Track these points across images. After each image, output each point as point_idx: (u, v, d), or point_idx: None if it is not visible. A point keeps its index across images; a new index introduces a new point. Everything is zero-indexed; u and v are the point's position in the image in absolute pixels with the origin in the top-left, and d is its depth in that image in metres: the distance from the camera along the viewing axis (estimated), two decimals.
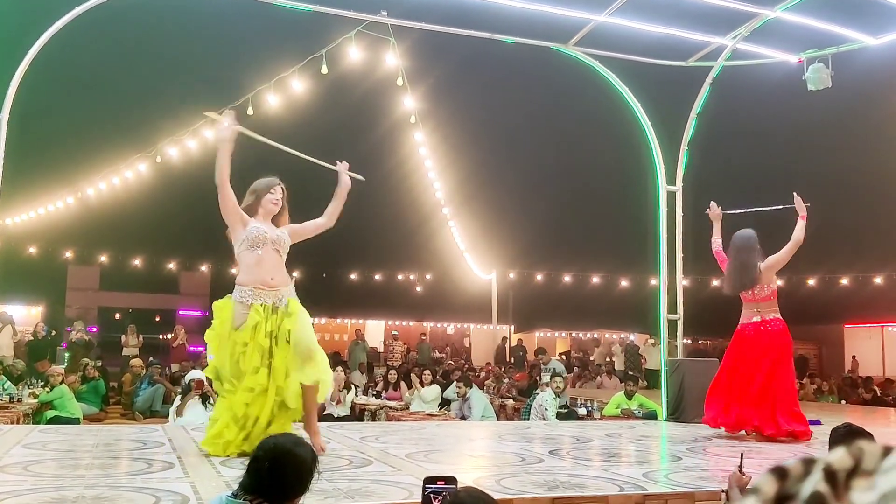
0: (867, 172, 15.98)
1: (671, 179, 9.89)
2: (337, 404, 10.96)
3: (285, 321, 5.57)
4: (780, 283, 8.55)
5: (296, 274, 6.04)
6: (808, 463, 0.39)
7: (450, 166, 15.17)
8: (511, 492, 4.37)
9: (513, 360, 19.40)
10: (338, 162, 6.17)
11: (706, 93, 9.89)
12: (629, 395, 10.67)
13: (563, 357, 21.09)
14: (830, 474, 0.37)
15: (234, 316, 5.54)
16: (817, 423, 8.83)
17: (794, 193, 7.81)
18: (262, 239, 5.69)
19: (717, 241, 8.05)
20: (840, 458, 0.38)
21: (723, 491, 4.21)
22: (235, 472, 4.22)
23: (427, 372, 12.07)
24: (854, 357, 22.45)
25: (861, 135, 15.15)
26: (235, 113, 5.83)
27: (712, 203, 8.19)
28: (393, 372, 13.00)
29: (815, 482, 0.37)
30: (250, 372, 5.43)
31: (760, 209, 8.15)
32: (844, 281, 21.34)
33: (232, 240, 5.75)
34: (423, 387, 11.50)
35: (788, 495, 0.38)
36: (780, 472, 0.39)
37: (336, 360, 14.64)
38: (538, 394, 10.48)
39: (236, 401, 5.43)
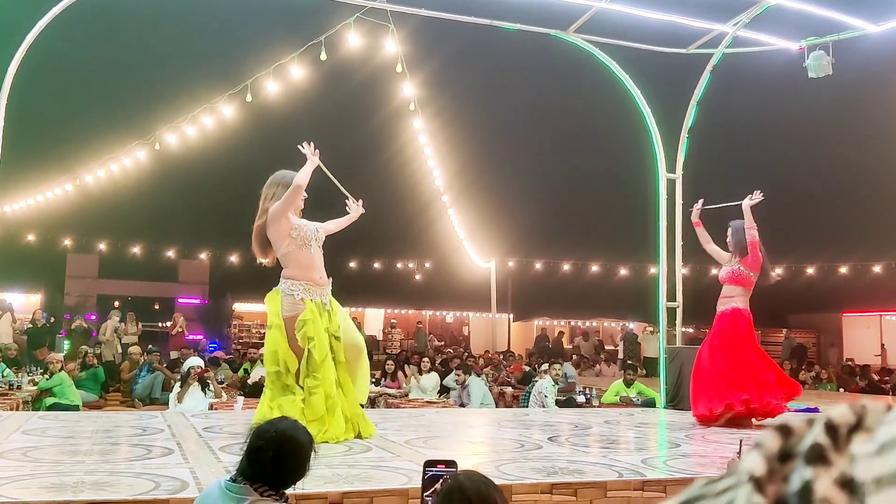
0: (867, 160, 15.96)
1: (671, 167, 9.87)
2: None
3: (334, 319, 5.86)
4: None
5: None
6: (811, 421, 0.38)
7: (449, 154, 15.13)
8: (510, 477, 4.38)
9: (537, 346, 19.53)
10: (357, 201, 6.54)
11: (707, 80, 9.85)
12: (628, 383, 10.69)
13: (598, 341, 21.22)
14: (831, 428, 0.37)
15: (282, 307, 5.72)
16: (815, 410, 8.86)
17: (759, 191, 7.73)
18: (310, 237, 5.89)
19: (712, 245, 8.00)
20: (842, 413, 0.38)
21: None
22: (235, 458, 4.22)
23: (426, 360, 12.06)
24: (833, 345, 22.47)
25: (861, 123, 15.12)
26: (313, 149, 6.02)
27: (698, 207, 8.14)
28: (390, 362, 12.99)
29: (815, 435, 0.37)
30: (321, 363, 5.60)
31: (730, 204, 8.07)
32: (843, 270, 21.35)
33: (272, 235, 5.81)
34: (420, 375, 11.49)
35: (791, 453, 0.37)
36: (784, 430, 0.39)
37: None
38: (537, 381, 10.50)
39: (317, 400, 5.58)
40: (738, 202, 7.79)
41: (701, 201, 8.18)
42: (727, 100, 12.17)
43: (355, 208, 6.50)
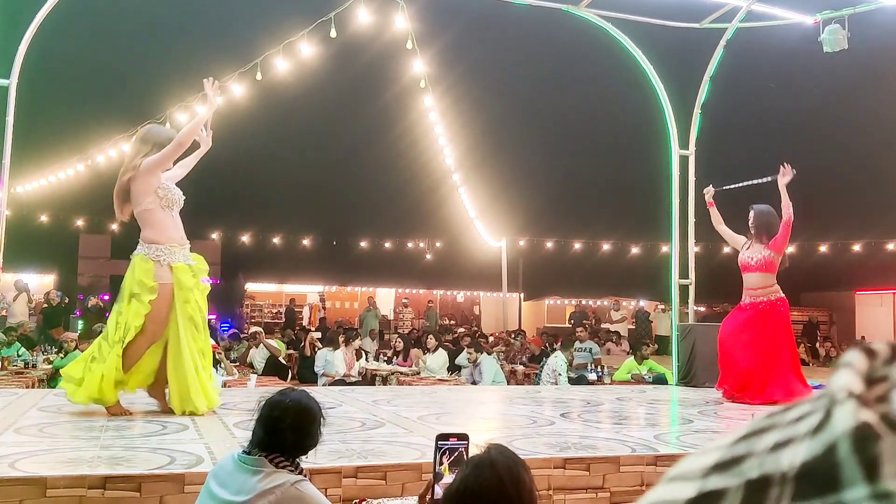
0: (882, 136, 15.79)
1: (684, 143, 9.78)
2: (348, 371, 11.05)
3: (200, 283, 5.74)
4: (790, 249, 8.58)
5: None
6: (893, 345, 0.36)
7: (460, 131, 15.05)
8: (523, 452, 4.36)
9: (573, 323, 19.54)
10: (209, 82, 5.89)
11: (720, 55, 9.74)
12: (640, 361, 10.69)
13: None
14: None
15: (153, 274, 5.49)
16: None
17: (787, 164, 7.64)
18: (174, 201, 5.68)
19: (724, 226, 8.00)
20: None
21: None
22: (249, 433, 4.25)
23: (430, 337, 12.03)
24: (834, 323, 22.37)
25: (877, 98, 14.93)
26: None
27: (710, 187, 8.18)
28: (400, 341, 13.01)
29: None
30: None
31: (752, 183, 8.03)
32: (857, 247, 21.20)
33: (137, 188, 5.52)
34: (426, 354, 11.50)
35: (878, 377, 0.35)
36: (868, 351, 0.37)
37: (341, 329, 14.68)
38: (549, 359, 10.52)
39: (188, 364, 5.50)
40: (762, 180, 7.72)
41: (711, 186, 8.22)
42: (741, 75, 12.03)
43: (205, 137, 5.96)
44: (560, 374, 9.92)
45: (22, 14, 7.66)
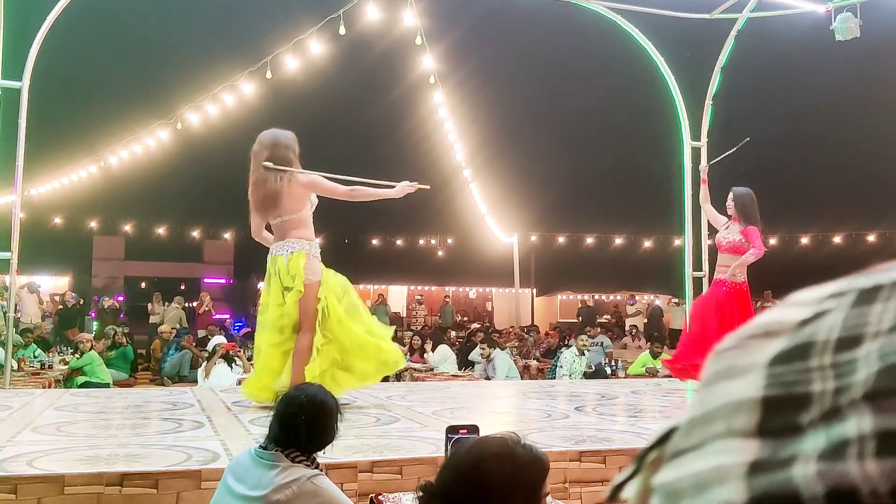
0: (895, 126, 15.63)
1: (696, 135, 9.73)
2: None
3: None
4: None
5: (318, 240, 6.14)
6: None
7: (470, 127, 15.03)
8: (539, 446, 4.36)
9: (581, 318, 19.51)
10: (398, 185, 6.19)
11: (731, 46, 9.68)
12: (655, 355, 10.64)
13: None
14: None
15: (311, 270, 5.83)
16: None
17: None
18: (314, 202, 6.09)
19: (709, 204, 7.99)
20: None
21: None
22: (265, 430, 4.25)
23: (416, 339, 12.02)
24: None
25: (890, 86, 14.80)
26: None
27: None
28: (416, 338, 13.02)
29: None
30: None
31: (730, 152, 8.10)
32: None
33: (300, 196, 5.93)
34: (429, 353, 11.50)
35: None
36: None
37: None
38: (562, 353, 10.50)
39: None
40: (741, 144, 7.81)
41: (705, 162, 8.31)
42: (753, 65, 11.95)
43: (400, 188, 6.17)
44: (562, 367, 9.91)
45: (33, 16, 7.69)
